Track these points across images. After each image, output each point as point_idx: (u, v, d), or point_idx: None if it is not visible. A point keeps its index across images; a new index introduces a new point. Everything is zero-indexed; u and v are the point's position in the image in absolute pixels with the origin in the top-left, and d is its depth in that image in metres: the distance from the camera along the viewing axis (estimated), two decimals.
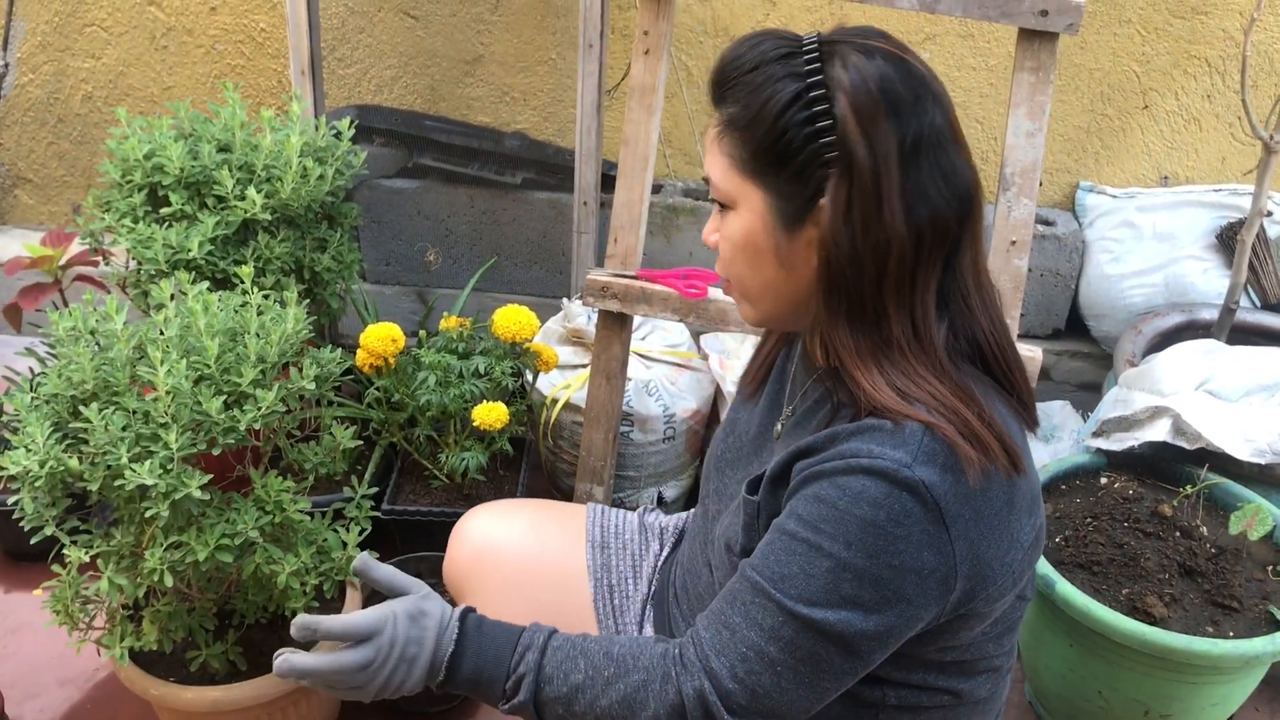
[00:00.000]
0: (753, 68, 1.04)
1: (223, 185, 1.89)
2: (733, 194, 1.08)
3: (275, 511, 1.51)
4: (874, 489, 0.97)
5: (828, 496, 1.00)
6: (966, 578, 1.00)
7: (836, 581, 0.99)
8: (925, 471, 0.97)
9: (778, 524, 1.05)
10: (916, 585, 0.98)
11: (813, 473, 1.03)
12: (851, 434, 1.02)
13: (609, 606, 1.46)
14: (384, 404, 2.09)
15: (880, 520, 0.97)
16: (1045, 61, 1.78)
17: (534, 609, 1.43)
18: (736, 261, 1.11)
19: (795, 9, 2.60)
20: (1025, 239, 1.82)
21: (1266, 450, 1.90)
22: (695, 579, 1.32)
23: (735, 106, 1.05)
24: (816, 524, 1.00)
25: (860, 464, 0.99)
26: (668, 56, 1.95)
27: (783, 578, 1.01)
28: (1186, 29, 2.56)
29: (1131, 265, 2.62)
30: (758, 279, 1.11)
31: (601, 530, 1.52)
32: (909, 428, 0.99)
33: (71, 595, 1.54)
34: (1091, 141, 2.70)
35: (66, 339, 1.47)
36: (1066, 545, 1.84)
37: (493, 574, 1.46)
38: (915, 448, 0.98)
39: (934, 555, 0.98)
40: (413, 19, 2.71)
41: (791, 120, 1.02)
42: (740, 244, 1.09)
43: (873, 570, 0.98)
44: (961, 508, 0.98)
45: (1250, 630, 1.67)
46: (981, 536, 1.00)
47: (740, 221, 1.08)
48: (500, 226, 2.86)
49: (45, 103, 2.87)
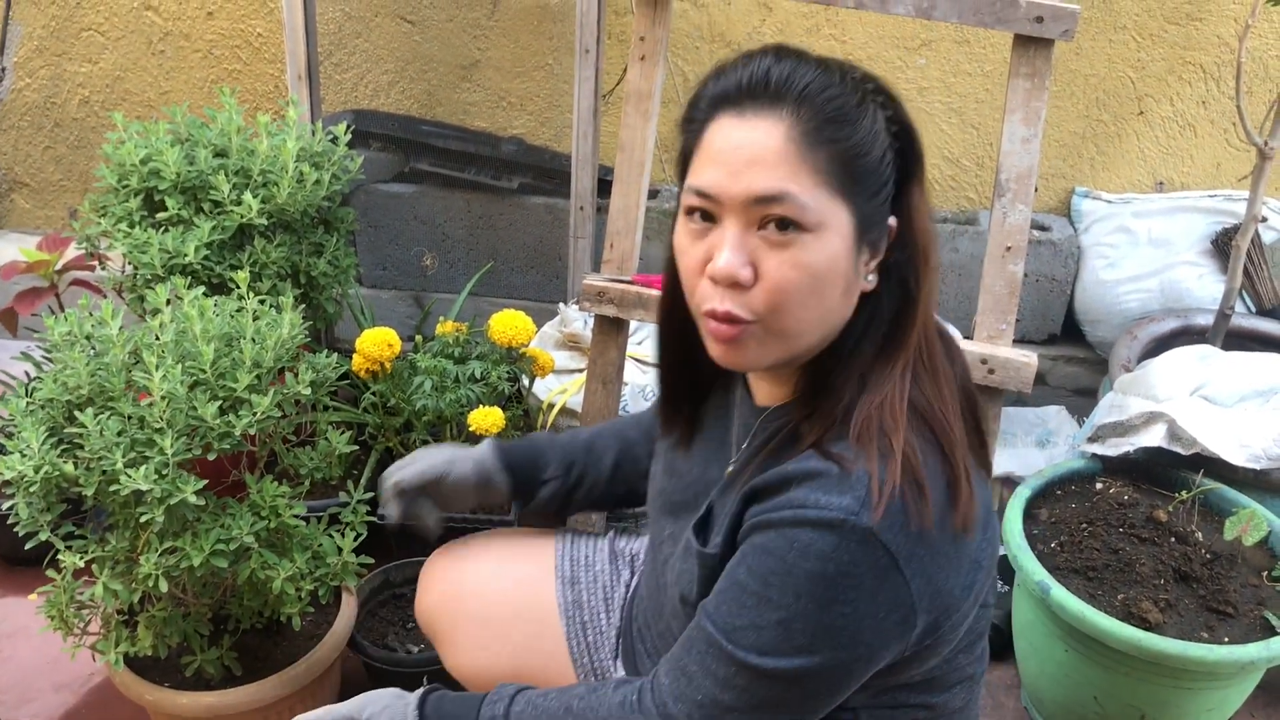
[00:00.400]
0: (809, 79, 0.98)
1: (219, 190, 1.89)
2: (821, 214, 0.96)
3: (271, 517, 1.51)
4: (821, 542, 0.94)
5: (776, 549, 0.97)
6: (928, 612, 0.99)
7: (788, 632, 0.97)
8: (874, 518, 0.94)
9: (731, 569, 1.03)
10: (873, 629, 0.97)
11: (762, 521, 1.00)
12: (800, 479, 0.98)
13: (583, 644, 1.44)
14: (380, 409, 2.09)
15: (830, 572, 0.94)
16: (1041, 68, 1.79)
17: (507, 650, 1.43)
18: (801, 294, 0.98)
19: (791, 15, 2.61)
20: (1021, 244, 1.82)
21: (1261, 455, 1.90)
22: (656, 617, 1.30)
23: (818, 115, 0.97)
24: (766, 577, 0.98)
25: (807, 516, 0.95)
26: (664, 62, 1.96)
27: (735, 629, 1.00)
28: (1181, 35, 2.56)
29: (1127, 271, 2.63)
30: (816, 312, 1.00)
31: (571, 564, 1.49)
32: (856, 473, 0.95)
33: (66, 600, 1.54)
34: (1087, 147, 2.70)
35: (62, 344, 1.47)
36: (1062, 550, 1.84)
37: (463, 618, 1.46)
38: (863, 493, 0.95)
39: (889, 599, 0.96)
40: (409, 24, 2.71)
41: (875, 127, 0.99)
42: (823, 273, 0.98)
43: (825, 620, 0.96)
44: (915, 547, 0.95)
45: (1245, 636, 1.67)
46: (939, 569, 0.98)
47: (824, 247, 0.97)
48: (496, 231, 2.87)
49: (42, 107, 2.87)
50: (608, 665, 1.43)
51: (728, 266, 0.97)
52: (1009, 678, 2.08)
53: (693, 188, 1.00)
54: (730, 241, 0.98)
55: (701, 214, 1.01)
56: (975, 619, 1.09)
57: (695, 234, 1.02)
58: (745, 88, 0.98)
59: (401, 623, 1.97)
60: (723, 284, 0.98)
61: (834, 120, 0.97)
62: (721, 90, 1.00)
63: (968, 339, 1.88)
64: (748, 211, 0.97)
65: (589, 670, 1.43)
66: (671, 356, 1.23)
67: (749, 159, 0.96)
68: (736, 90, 0.99)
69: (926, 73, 2.63)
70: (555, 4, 2.65)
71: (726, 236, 0.98)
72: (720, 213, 0.99)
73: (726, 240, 0.98)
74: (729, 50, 2.64)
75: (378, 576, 2.00)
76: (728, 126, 0.99)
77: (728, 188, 0.97)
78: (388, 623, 1.98)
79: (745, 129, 0.97)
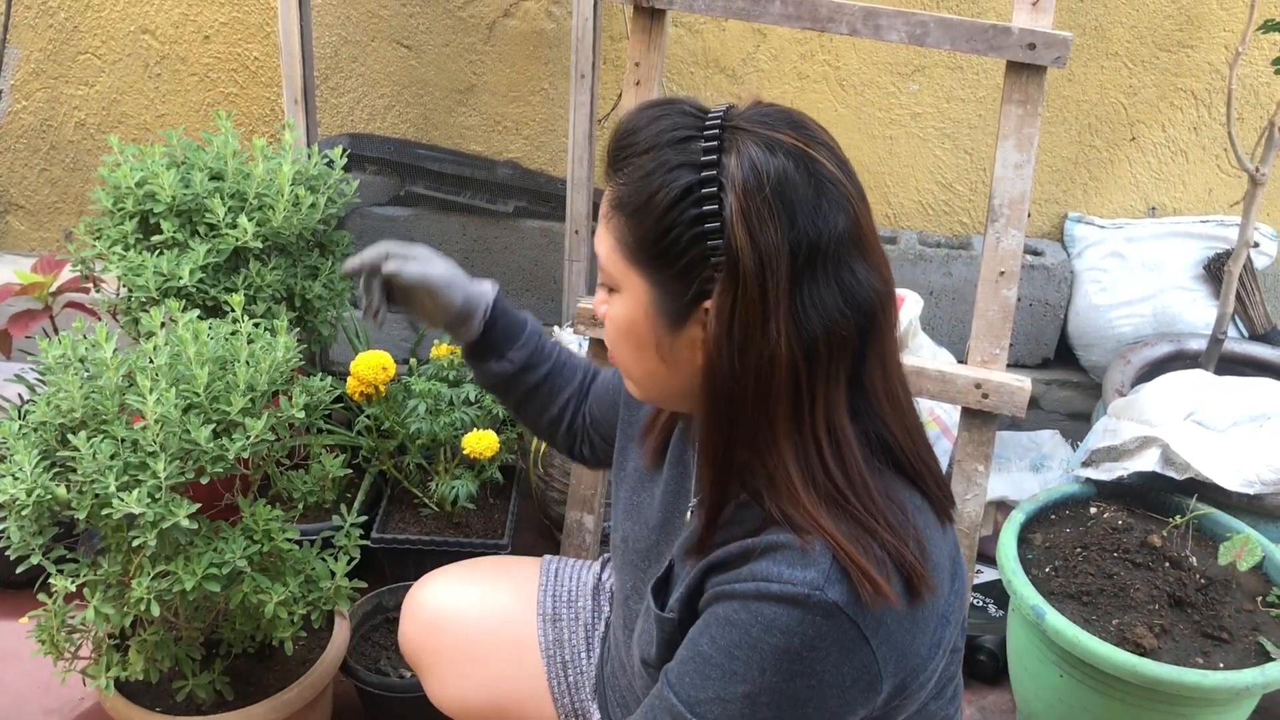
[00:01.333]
0: (646, 149, 0.96)
1: (214, 213, 1.89)
2: (617, 278, 1.01)
3: (263, 540, 1.50)
4: (785, 617, 0.93)
5: (740, 621, 0.95)
6: (894, 675, 0.97)
7: (754, 705, 0.95)
8: (838, 591, 0.92)
9: (693, 639, 1.01)
10: (839, 698, 0.95)
11: (724, 592, 0.98)
12: (762, 551, 0.96)
13: (564, 684, 1.44)
14: (374, 432, 2.09)
15: (795, 646, 0.93)
16: (1033, 94, 1.80)
17: (487, 685, 1.43)
18: (619, 346, 1.05)
19: (785, 41, 2.62)
20: (1014, 269, 1.83)
21: (1255, 480, 1.90)
22: (622, 669, 1.29)
23: (626, 188, 0.98)
24: (730, 650, 0.96)
25: (771, 590, 0.93)
26: (659, 88, 1.97)
27: (699, 701, 0.98)
28: (1172, 62, 2.58)
29: (1120, 295, 2.64)
30: (640, 368, 1.05)
31: (554, 600, 1.48)
32: (817, 546, 0.93)
33: (57, 624, 1.53)
34: (1079, 173, 2.72)
35: (56, 366, 1.46)
36: (1056, 575, 1.83)
37: (445, 650, 1.45)
38: (826, 567, 0.93)
39: (855, 668, 0.94)
40: (406, 48, 2.72)
41: (680, 216, 0.94)
42: (623, 330, 1.03)
43: (789, 691, 0.94)
44: (882, 616, 0.94)
45: (1240, 661, 1.66)
46: (905, 633, 0.96)
47: (623, 308, 1.02)
48: (492, 254, 2.87)
49: (38, 129, 2.88)
50: (588, 705, 1.42)
51: (594, 306, 1.10)
52: (1005, 703, 2.07)
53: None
54: (599, 289, 1.08)
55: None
56: (945, 665, 1.07)
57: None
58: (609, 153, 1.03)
59: (394, 647, 1.96)
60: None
61: (635, 196, 0.97)
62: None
63: (961, 363, 1.89)
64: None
65: (569, 710, 1.43)
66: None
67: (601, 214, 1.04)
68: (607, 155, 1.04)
69: (920, 98, 2.65)
70: (551, 29, 2.66)
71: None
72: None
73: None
74: (724, 76, 2.66)
75: (371, 601, 1.99)
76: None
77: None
78: (381, 647, 1.97)
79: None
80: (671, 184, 0.94)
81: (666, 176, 0.94)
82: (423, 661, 1.48)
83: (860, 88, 2.66)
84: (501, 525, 2.15)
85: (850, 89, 2.66)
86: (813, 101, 2.67)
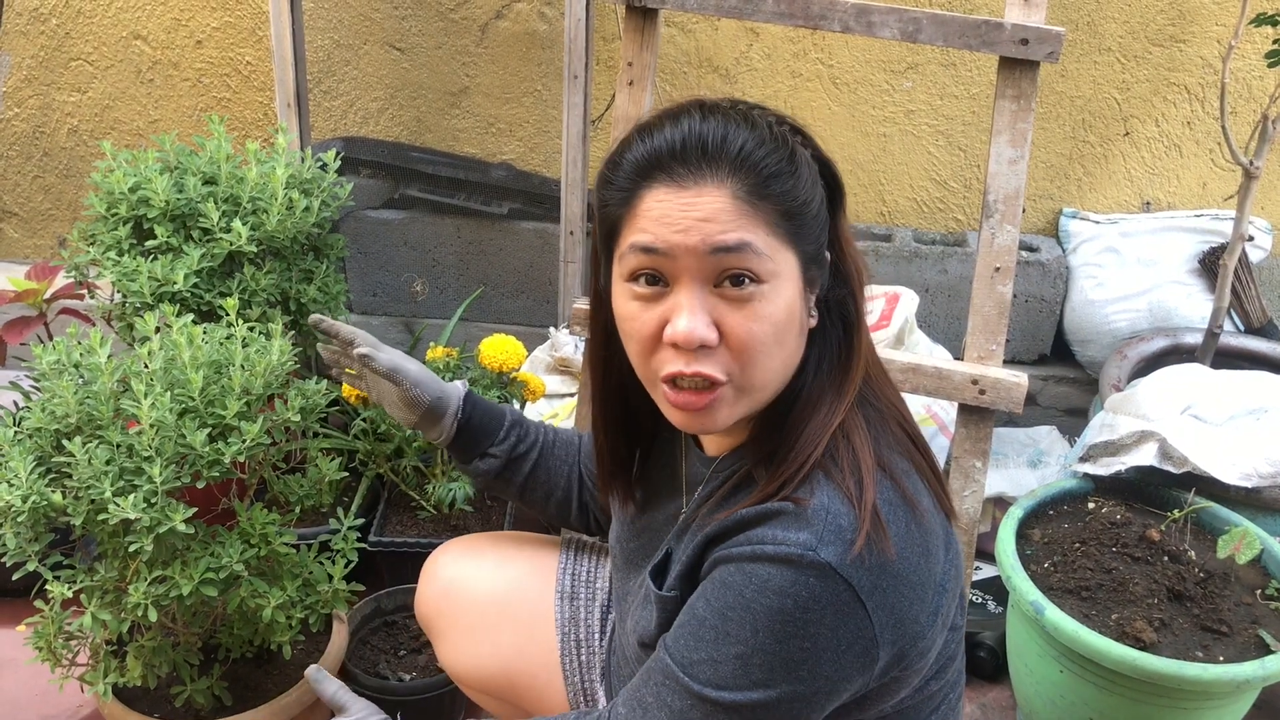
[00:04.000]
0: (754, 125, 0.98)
1: (208, 218, 1.88)
2: (774, 264, 0.96)
3: (260, 545, 1.50)
4: (779, 577, 0.94)
5: (734, 583, 0.97)
6: (892, 644, 0.97)
7: (746, 667, 0.96)
8: (831, 552, 0.93)
9: (690, 604, 1.02)
10: (833, 662, 0.95)
11: (721, 557, 1.00)
12: (757, 519, 0.99)
13: (576, 662, 1.43)
14: (370, 435, 2.08)
15: (788, 607, 0.93)
16: (1026, 89, 1.80)
17: (498, 654, 1.43)
18: (767, 347, 0.98)
19: (778, 39, 2.62)
20: (1009, 265, 1.83)
21: (1253, 474, 1.90)
22: (624, 663, 1.29)
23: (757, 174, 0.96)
24: (724, 611, 0.97)
25: (765, 551, 0.95)
26: (652, 87, 1.97)
27: (692, 663, 0.99)
28: (1166, 57, 2.58)
29: (1115, 290, 2.64)
30: (779, 360, 1.00)
31: (572, 579, 1.48)
32: (813, 508, 0.95)
33: (54, 631, 1.52)
34: (1074, 168, 2.72)
35: (50, 372, 1.46)
36: (1055, 571, 1.83)
37: (459, 615, 1.45)
38: (820, 528, 0.94)
39: (850, 632, 0.94)
40: (398, 51, 2.72)
41: (815, 176, 1.01)
42: (784, 322, 0.98)
43: (783, 653, 0.95)
44: (878, 579, 0.95)
45: (1240, 654, 1.66)
46: (902, 599, 0.97)
47: (781, 296, 0.97)
48: (487, 256, 2.87)
49: (31, 136, 2.87)
50: (596, 687, 1.43)
51: (691, 331, 0.94)
52: (1005, 699, 2.07)
53: (639, 245, 0.97)
54: (690, 304, 0.95)
55: (648, 278, 0.98)
56: (944, 643, 1.08)
57: (645, 299, 0.99)
58: (679, 153, 0.96)
59: (393, 650, 1.96)
60: (688, 349, 0.95)
61: (773, 177, 0.96)
62: (649, 155, 0.97)
63: (958, 359, 1.89)
64: (703, 268, 0.95)
65: (578, 689, 1.43)
66: (613, 424, 1.22)
67: (700, 216, 0.94)
68: (669, 156, 0.96)
69: (913, 95, 2.65)
70: (544, 30, 2.66)
71: (683, 299, 0.95)
72: (673, 271, 0.96)
73: (685, 304, 0.95)
74: (717, 75, 2.66)
75: (369, 604, 1.99)
76: (666, 192, 0.96)
77: (681, 241, 0.94)
78: (379, 650, 1.96)
79: (688, 194, 0.95)
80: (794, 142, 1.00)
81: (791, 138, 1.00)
82: (437, 626, 1.48)
83: (854, 86, 2.66)
84: (499, 526, 2.14)
85: (844, 87, 2.66)
86: (806, 100, 2.67)
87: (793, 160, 0.98)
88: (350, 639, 1.83)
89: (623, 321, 1.02)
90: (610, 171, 1.02)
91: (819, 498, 0.96)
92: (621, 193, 1.00)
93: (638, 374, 1.04)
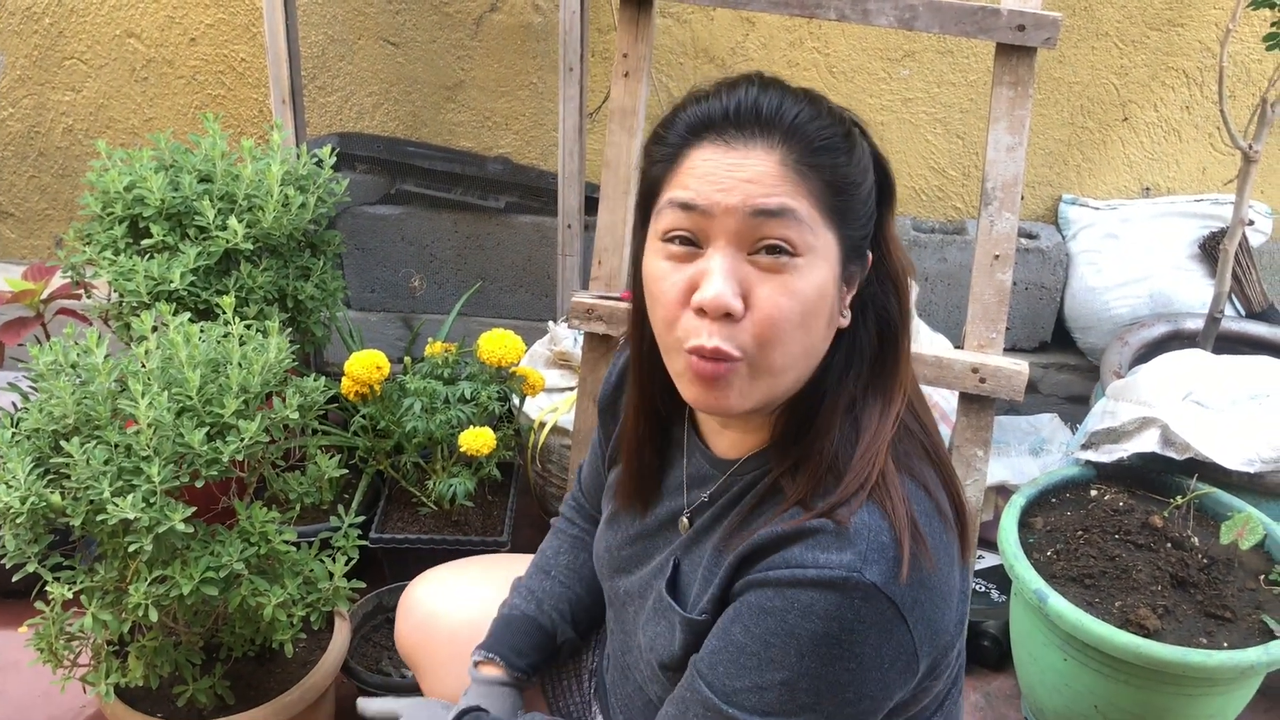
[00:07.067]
0: (813, 101, 0.96)
1: (204, 216, 1.88)
2: (813, 238, 0.92)
3: (260, 543, 1.49)
4: (823, 602, 0.91)
5: (775, 609, 0.93)
6: (929, 655, 0.96)
7: (792, 692, 0.94)
8: (876, 571, 0.91)
9: (724, 629, 0.99)
10: (878, 680, 0.94)
11: (757, 580, 0.96)
12: (795, 537, 0.95)
13: (558, 688, 1.41)
14: (370, 431, 2.08)
15: (834, 631, 0.91)
16: (1024, 76, 1.79)
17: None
18: (791, 326, 0.93)
19: (774, 29, 2.61)
20: (1008, 253, 1.82)
21: (1256, 459, 1.90)
22: (623, 678, 1.25)
23: (809, 144, 0.93)
24: (765, 638, 0.94)
25: (808, 576, 0.92)
26: (648, 78, 1.96)
27: (735, 690, 0.96)
28: (1163, 41, 2.57)
29: (1115, 277, 2.63)
30: (801, 346, 0.95)
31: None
32: (854, 526, 0.92)
33: (56, 632, 1.52)
34: (1072, 154, 2.71)
35: (48, 373, 1.46)
36: (1058, 559, 1.83)
37: (438, 648, 1.43)
38: (864, 547, 0.92)
39: (893, 649, 0.93)
40: (393, 46, 2.71)
41: (870, 163, 0.99)
42: (813, 303, 0.93)
43: (829, 676, 0.92)
44: (918, 593, 0.93)
45: (1244, 640, 1.66)
46: (936, 610, 0.96)
47: (815, 274, 0.93)
48: (484, 251, 2.86)
49: (25, 136, 2.86)
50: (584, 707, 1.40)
51: (719, 296, 0.90)
52: (1009, 688, 2.07)
53: (678, 200, 0.93)
54: (721, 268, 0.91)
55: (681, 238, 0.94)
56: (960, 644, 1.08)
57: (676, 259, 0.95)
58: (731, 116, 0.93)
59: (395, 647, 1.95)
60: (713, 316, 0.91)
61: (825, 149, 0.93)
62: (703, 116, 0.95)
63: (958, 348, 1.88)
64: (741, 232, 0.91)
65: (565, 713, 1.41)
66: (648, 403, 1.14)
67: (745, 178, 0.91)
68: (722, 118, 0.94)
69: (910, 83, 2.64)
70: (538, 23, 2.65)
71: (715, 262, 0.92)
72: (708, 232, 0.92)
73: (715, 266, 0.91)
74: (712, 65, 2.65)
75: (371, 601, 1.99)
76: (714, 151, 0.93)
77: (721, 200, 0.91)
78: (382, 647, 1.96)
79: (735, 154, 0.92)
80: (848, 121, 0.98)
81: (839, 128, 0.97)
82: (417, 660, 1.47)
83: (850, 74, 2.65)
84: (500, 522, 2.14)
85: (840, 76, 2.65)
86: None
87: (848, 139, 0.96)
88: (353, 636, 1.83)
89: (650, 282, 0.98)
90: (663, 130, 0.99)
91: (860, 515, 0.93)
92: (669, 148, 0.97)
93: (658, 341, 1.00)
